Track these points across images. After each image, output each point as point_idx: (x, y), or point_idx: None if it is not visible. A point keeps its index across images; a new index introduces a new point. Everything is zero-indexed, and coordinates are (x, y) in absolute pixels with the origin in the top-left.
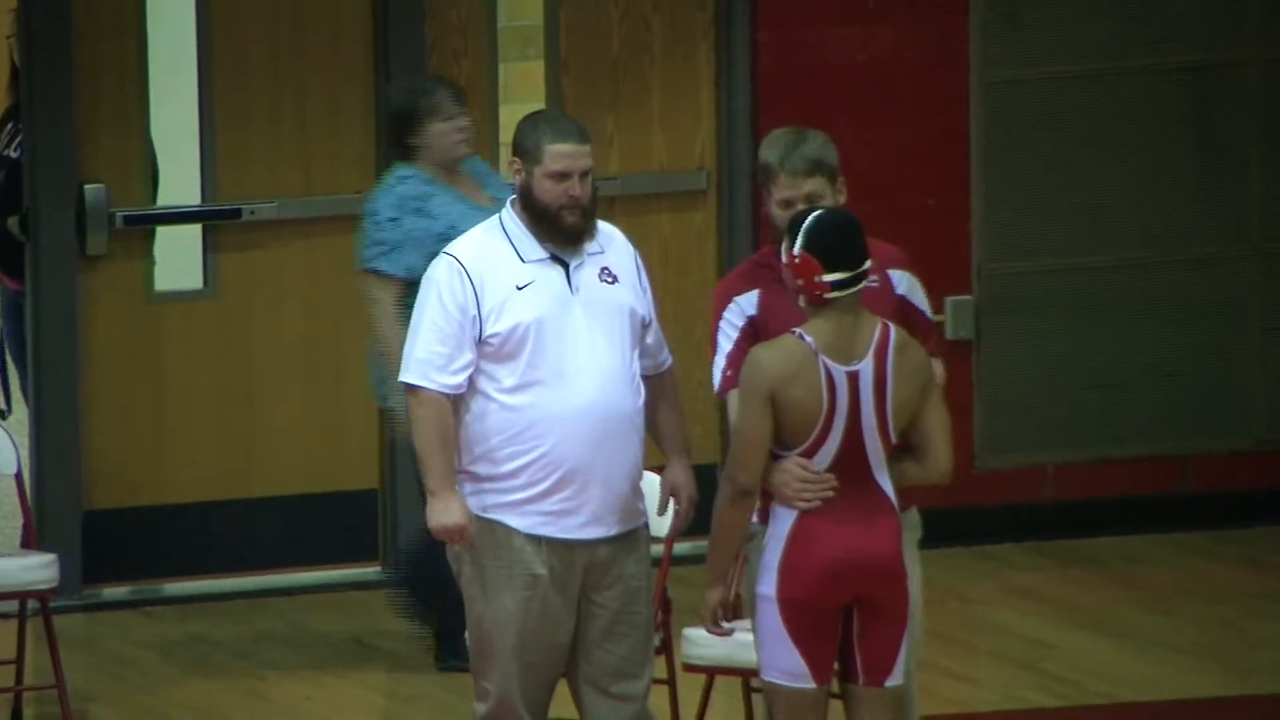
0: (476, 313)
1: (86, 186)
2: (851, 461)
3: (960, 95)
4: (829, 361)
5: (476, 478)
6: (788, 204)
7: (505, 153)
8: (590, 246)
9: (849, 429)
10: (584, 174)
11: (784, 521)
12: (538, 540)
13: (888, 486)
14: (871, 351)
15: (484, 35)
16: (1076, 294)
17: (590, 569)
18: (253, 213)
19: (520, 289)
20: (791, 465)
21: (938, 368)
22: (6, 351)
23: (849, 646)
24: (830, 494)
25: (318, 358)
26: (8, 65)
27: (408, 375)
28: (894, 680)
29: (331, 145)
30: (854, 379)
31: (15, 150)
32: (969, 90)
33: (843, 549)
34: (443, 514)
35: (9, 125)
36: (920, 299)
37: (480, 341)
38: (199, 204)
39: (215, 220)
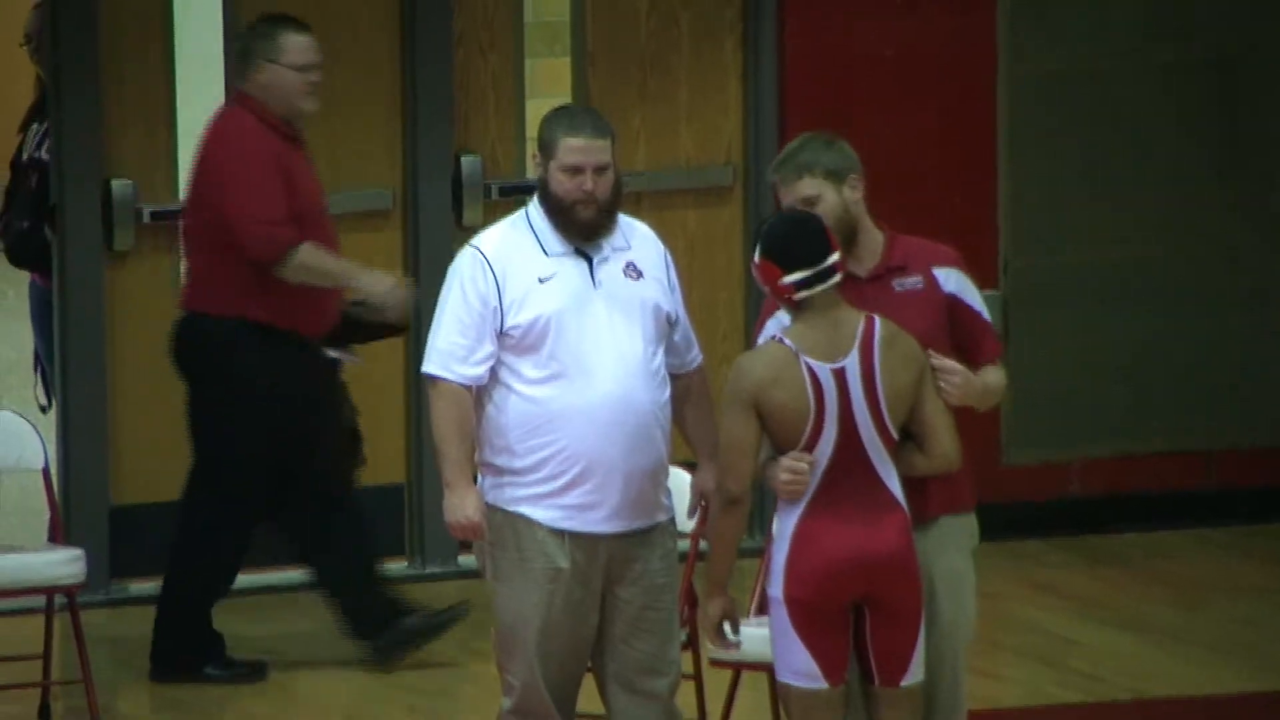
0: (498, 304)
1: (113, 182)
2: (851, 459)
3: (987, 87)
4: (811, 361)
5: (498, 470)
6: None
7: (533, 148)
8: (616, 241)
9: (843, 427)
10: (599, 169)
11: (788, 521)
12: (560, 533)
13: (893, 483)
14: (856, 346)
15: (511, 30)
16: (1103, 287)
17: (613, 563)
18: None
19: (542, 281)
20: (784, 458)
21: (993, 374)
22: (37, 347)
23: (863, 647)
24: (808, 482)
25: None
26: (30, 68)
27: (429, 366)
28: (910, 679)
29: (358, 140)
30: (840, 376)
31: (46, 152)
32: (996, 83)
33: (845, 548)
34: (457, 509)
35: (34, 127)
36: (973, 298)
37: (501, 334)
38: None
39: None
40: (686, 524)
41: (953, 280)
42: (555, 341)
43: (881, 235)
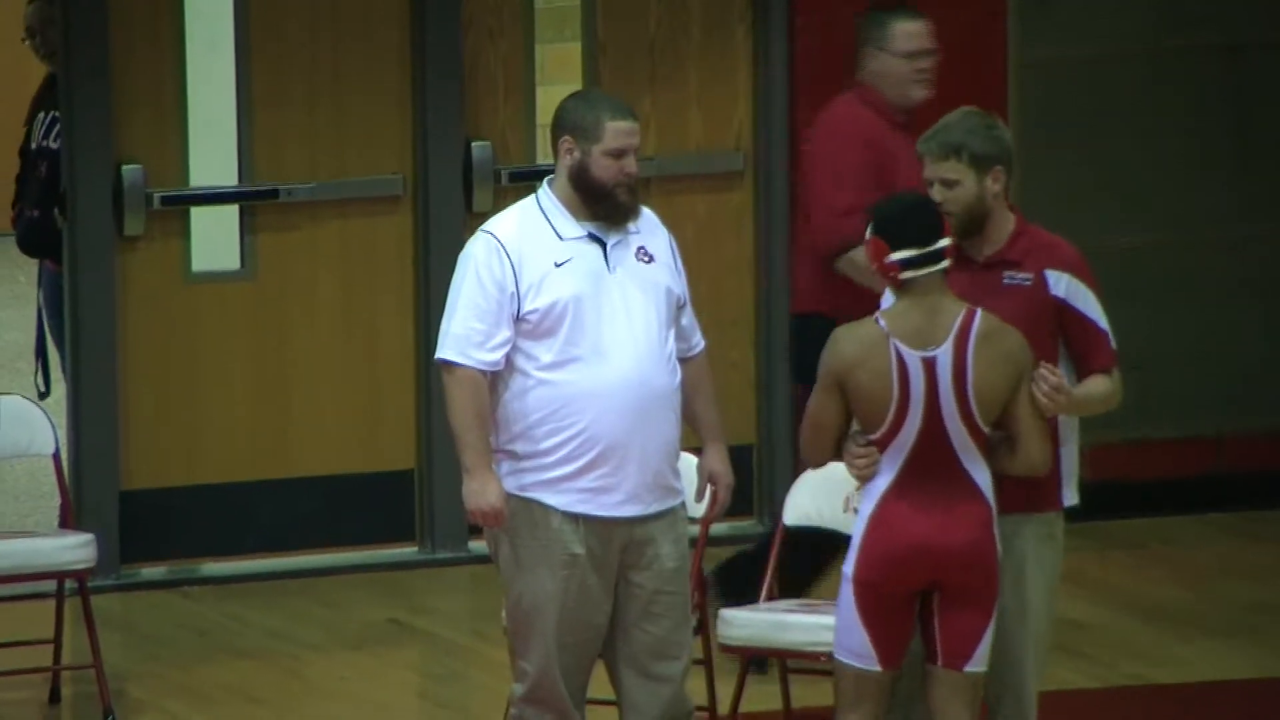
0: (515, 289)
1: (124, 167)
2: (935, 448)
3: (997, 76)
4: (902, 347)
5: (515, 456)
6: (929, 184)
7: (543, 134)
8: (629, 225)
9: (928, 416)
10: (636, 152)
11: (869, 503)
12: (575, 519)
13: (978, 475)
14: (952, 338)
15: (521, 16)
16: (1113, 275)
17: (628, 548)
18: (290, 193)
19: (559, 266)
20: (851, 442)
21: (1098, 384)
22: (49, 333)
23: (930, 628)
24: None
25: (354, 338)
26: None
27: (445, 352)
28: (974, 666)
29: (368, 126)
30: (930, 365)
31: (55, 141)
32: (1006, 71)
33: (919, 535)
34: (478, 495)
35: (41, 116)
36: (1087, 304)
37: (518, 319)
38: (236, 185)
39: (252, 201)
40: (696, 509)
41: (1063, 285)
42: (572, 325)
43: (1011, 224)
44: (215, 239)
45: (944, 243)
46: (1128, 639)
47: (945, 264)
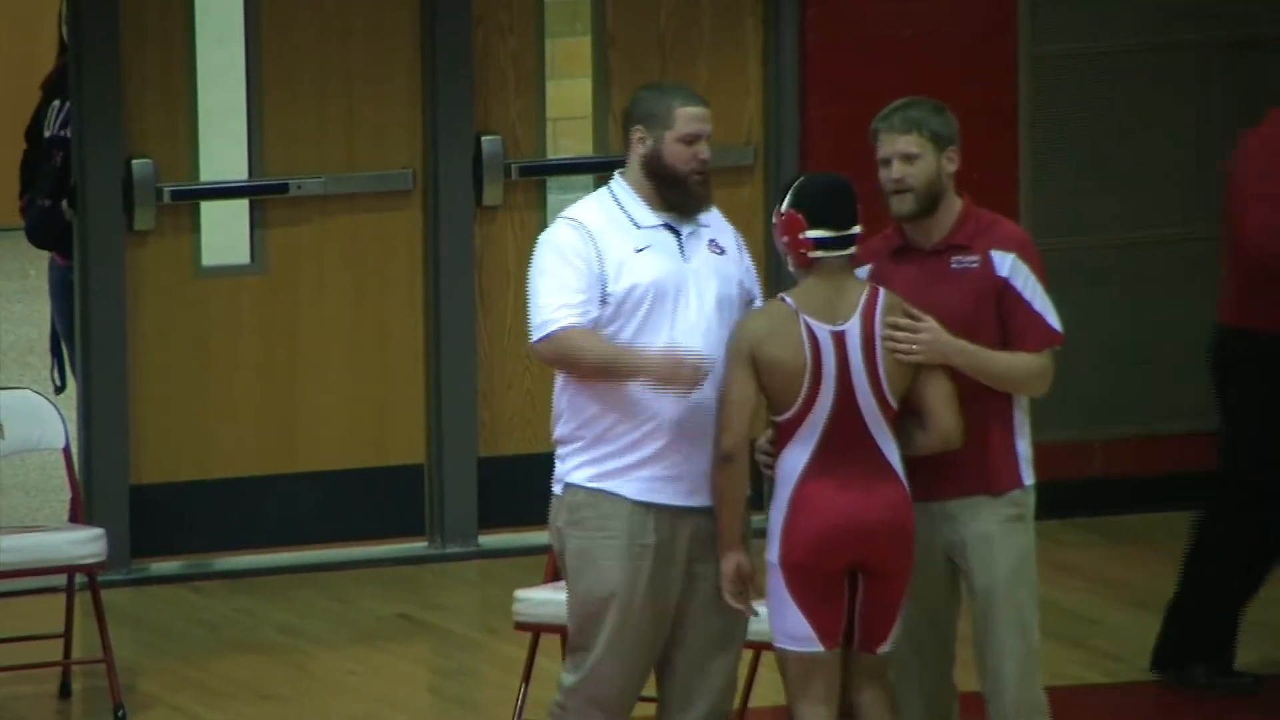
0: (601, 269)
1: (134, 162)
2: (849, 425)
3: (1008, 70)
4: (812, 321)
5: (585, 444)
6: (885, 163)
7: (553, 128)
8: (700, 218)
9: (841, 391)
10: (707, 139)
11: (785, 487)
12: (646, 509)
13: (891, 453)
14: (859, 312)
15: (531, 10)
16: (1124, 269)
17: (695, 540)
18: (299, 188)
19: (638, 252)
20: (759, 441)
21: (1019, 358)
22: (56, 327)
23: (852, 612)
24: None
25: (364, 332)
26: (57, 42)
27: (549, 326)
28: (887, 647)
29: (378, 120)
30: (840, 339)
31: (68, 130)
32: (1017, 65)
33: (841, 514)
34: (671, 354)
35: (56, 103)
36: (1026, 285)
37: (601, 301)
38: (246, 179)
39: (262, 195)
40: None
41: (1007, 264)
42: (649, 311)
43: (958, 209)
44: (225, 233)
45: (856, 230)
46: (1138, 633)
47: (853, 250)
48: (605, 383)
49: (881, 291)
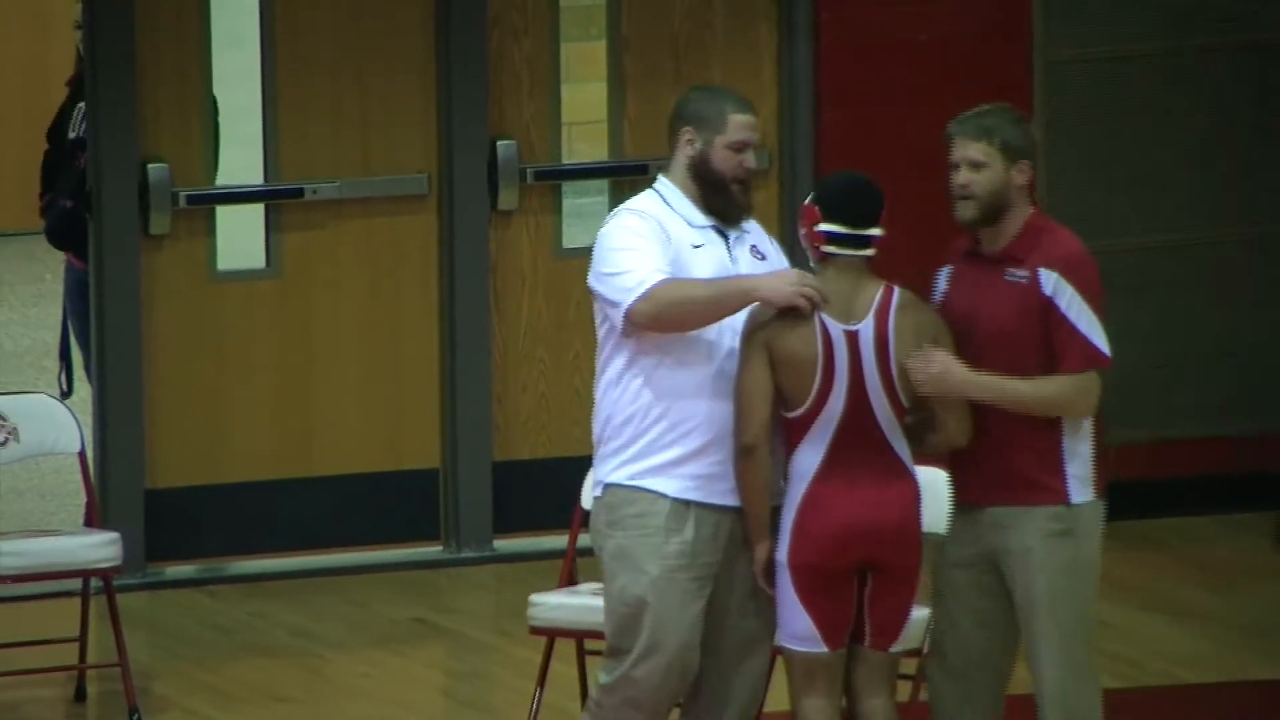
0: (670, 253)
1: (149, 166)
2: (861, 423)
3: (1022, 73)
4: (826, 318)
5: (624, 444)
6: (955, 168)
7: (568, 132)
8: (742, 224)
9: (853, 389)
10: (755, 149)
11: (797, 487)
12: (685, 507)
13: (904, 451)
14: (872, 312)
15: (546, 14)
16: (1138, 273)
17: (733, 539)
18: (315, 192)
19: (695, 248)
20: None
21: (1048, 384)
22: (71, 331)
23: (861, 609)
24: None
25: (379, 337)
26: (74, 52)
27: (640, 287)
28: (899, 646)
29: (393, 124)
30: (853, 338)
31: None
32: (1031, 68)
33: (852, 514)
34: (778, 278)
35: (81, 105)
36: (1070, 305)
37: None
38: (261, 183)
39: (277, 199)
40: None
41: (1051, 283)
42: None
43: (1024, 220)
44: (241, 237)
45: (874, 231)
46: (1153, 638)
47: (869, 252)
48: (716, 319)
49: (896, 290)
